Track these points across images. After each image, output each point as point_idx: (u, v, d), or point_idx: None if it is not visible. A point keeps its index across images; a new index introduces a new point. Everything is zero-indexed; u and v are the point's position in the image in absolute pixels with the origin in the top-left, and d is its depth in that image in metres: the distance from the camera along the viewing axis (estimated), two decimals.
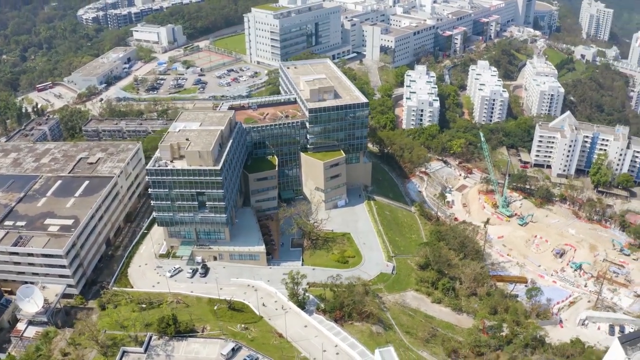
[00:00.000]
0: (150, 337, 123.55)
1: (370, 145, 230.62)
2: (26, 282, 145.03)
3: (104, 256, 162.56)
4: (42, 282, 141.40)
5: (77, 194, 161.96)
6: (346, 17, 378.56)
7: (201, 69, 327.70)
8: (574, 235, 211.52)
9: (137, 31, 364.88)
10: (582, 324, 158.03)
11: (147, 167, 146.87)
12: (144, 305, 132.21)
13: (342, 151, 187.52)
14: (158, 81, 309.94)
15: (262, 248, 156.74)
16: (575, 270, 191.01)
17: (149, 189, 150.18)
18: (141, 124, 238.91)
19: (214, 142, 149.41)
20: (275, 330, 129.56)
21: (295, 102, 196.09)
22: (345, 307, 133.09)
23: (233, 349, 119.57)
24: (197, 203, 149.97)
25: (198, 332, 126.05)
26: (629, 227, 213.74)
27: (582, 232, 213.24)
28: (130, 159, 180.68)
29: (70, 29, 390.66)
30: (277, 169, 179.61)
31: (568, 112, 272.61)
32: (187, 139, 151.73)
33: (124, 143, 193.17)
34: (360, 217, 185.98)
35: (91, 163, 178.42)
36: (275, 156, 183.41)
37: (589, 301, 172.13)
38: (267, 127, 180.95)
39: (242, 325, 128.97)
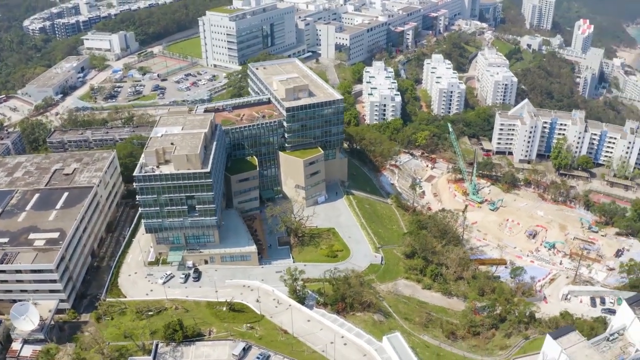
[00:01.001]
0: (157, 345, 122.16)
1: None
2: (14, 301, 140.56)
3: (90, 268, 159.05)
4: (33, 299, 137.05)
5: (58, 206, 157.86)
6: (299, 17, 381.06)
7: (158, 75, 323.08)
8: (543, 216, 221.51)
9: (88, 39, 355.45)
10: (565, 299, 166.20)
11: (135, 173, 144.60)
12: (150, 312, 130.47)
13: (319, 148, 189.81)
14: (115, 89, 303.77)
15: (253, 248, 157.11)
16: (549, 249, 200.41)
17: (137, 196, 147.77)
18: (107, 132, 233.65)
19: (200, 145, 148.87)
20: (280, 327, 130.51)
21: (269, 102, 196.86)
22: (347, 299, 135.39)
23: (244, 349, 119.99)
24: (186, 207, 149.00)
25: (205, 336, 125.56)
26: (593, 206, 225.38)
27: (550, 213, 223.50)
28: (107, 167, 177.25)
29: (17, 40, 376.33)
30: (257, 169, 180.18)
31: (526, 100, 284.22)
32: (171, 143, 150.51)
33: (98, 152, 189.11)
34: (342, 211, 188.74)
35: (67, 174, 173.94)
36: (254, 157, 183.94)
37: (567, 277, 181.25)
38: (245, 128, 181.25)
39: (248, 325, 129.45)
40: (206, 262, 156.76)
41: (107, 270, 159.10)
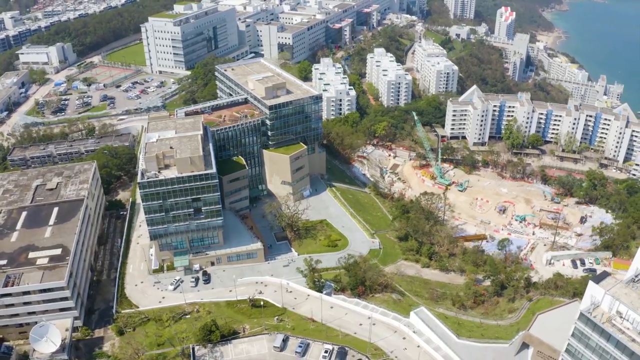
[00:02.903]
0: (194, 348, 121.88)
1: None
2: (20, 325, 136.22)
3: (91, 283, 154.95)
4: (42, 320, 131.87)
5: (51, 222, 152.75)
6: (239, 19, 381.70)
7: (104, 85, 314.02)
8: (507, 193, 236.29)
9: (23, 54, 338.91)
10: (549, 263, 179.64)
11: (139, 180, 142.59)
12: (187, 315, 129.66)
13: (302, 143, 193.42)
14: (62, 102, 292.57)
15: (259, 245, 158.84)
16: (520, 222, 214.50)
17: (142, 203, 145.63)
18: (71, 145, 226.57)
19: (200, 147, 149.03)
20: (306, 317, 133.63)
21: (246, 102, 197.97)
22: (366, 282, 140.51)
23: (283, 340, 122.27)
24: (192, 210, 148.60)
25: (239, 333, 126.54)
26: (549, 179, 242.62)
27: (513, 190, 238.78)
28: (91, 179, 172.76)
29: None
30: (247, 168, 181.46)
31: (475, 87, 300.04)
32: (171, 147, 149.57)
33: (78, 164, 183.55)
34: (329, 203, 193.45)
35: (51, 189, 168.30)
36: (240, 157, 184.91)
37: (544, 245, 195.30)
38: (230, 129, 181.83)
39: (278, 318, 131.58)
40: (212, 263, 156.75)
41: (108, 283, 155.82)
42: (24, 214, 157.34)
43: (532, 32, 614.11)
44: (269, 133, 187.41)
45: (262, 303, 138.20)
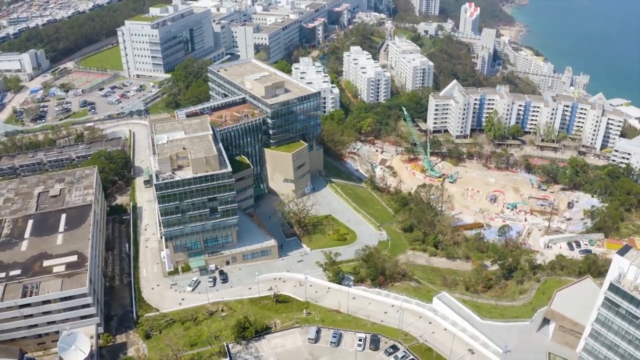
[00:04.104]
0: (228, 346, 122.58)
1: None
2: (39, 335, 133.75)
3: (105, 289, 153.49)
4: (62, 329, 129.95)
5: (61, 229, 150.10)
6: (214, 21, 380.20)
7: (82, 90, 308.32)
8: (495, 182, 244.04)
9: None
10: (547, 247, 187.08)
11: (155, 182, 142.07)
12: (224, 314, 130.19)
13: (302, 141, 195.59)
14: (41, 109, 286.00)
15: (273, 242, 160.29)
16: (512, 209, 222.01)
17: (158, 205, 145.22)
18: (61, 152, 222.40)
19: (214, 146, 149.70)
20: (332, 309, 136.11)
21: (244, 102, 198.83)
22: (386, 272, 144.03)
23: (317, 331, 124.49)
24: (208, 210, 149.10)
25: (271, 328, 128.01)
26: (533, 168, 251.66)
27: (501, 179, 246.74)
28: (95, 184, 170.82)
29: None
30: (251, 167, 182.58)
31: (455, 81, 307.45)
32: (184, 148, 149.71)
33: (79, 170, 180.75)
34: (331, 199, 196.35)
35: (55, 196, 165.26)
36: (243, 156, 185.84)
37: (539, 230, 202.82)
38: (232, 129, 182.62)
39: (306, 311, 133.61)
40: (228, 262, 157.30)
41: (122, 289, 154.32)
42: (30, 222, 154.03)
43: (494, 26, 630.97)
44: (270, 132, 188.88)
45: (282, 299, 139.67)
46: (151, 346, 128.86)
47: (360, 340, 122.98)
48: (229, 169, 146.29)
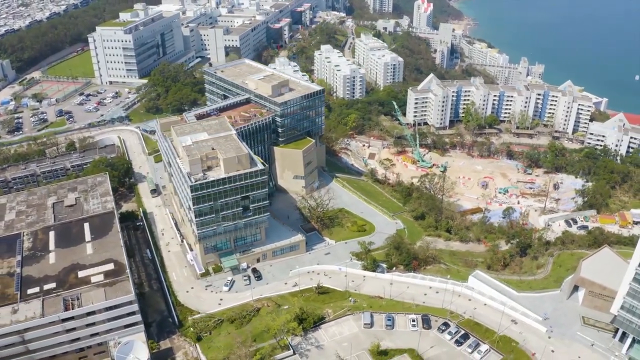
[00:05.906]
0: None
1: None
2: (81, 349, 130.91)
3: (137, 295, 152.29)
4: (105, 340, 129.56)
5: (88, 239, 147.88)
6: (182, 24, 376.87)
7: (56, 100, 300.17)
8: (483, 169, 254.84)
9: None
10: (547, 225, 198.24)
11: (190, 184, 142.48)
12: (285, 307, 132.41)
13: (308, 138, 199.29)
14: (16, 121, 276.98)
15: (300, 237, 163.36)
16: (504, 194, 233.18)
17: (193, 206, 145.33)
18: (54, 162, 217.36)
19: (242, 145, 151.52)
20: (373, 295, 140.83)
21: (248, 102, 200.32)
22: (419, 256, 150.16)
23: (371, 316, 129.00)
24: (241, 208, 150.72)
25: (325, 318, 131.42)
26: (514, 154, 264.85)
27: (487, 166, 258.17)
28: (111, 191, 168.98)
29: None
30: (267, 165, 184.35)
31: (432, 75, 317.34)
32: (212, 149, 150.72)
33: (90, 178, 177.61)
34: (340, 193, 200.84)
35: (71, 205, 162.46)
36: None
37: (535, 210, 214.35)
38: (244, 129, 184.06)
39: (352, 299, 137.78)
40: (258, 260, 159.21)
41: (153, 294, 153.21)
42: (51, 233, 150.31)
43: (445, 21, 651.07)
44: (279, 130, 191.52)
45: (323, 290, 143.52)
46: (205, 347, 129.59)
47: (413, 321, 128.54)
48: (261, 166, 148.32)
